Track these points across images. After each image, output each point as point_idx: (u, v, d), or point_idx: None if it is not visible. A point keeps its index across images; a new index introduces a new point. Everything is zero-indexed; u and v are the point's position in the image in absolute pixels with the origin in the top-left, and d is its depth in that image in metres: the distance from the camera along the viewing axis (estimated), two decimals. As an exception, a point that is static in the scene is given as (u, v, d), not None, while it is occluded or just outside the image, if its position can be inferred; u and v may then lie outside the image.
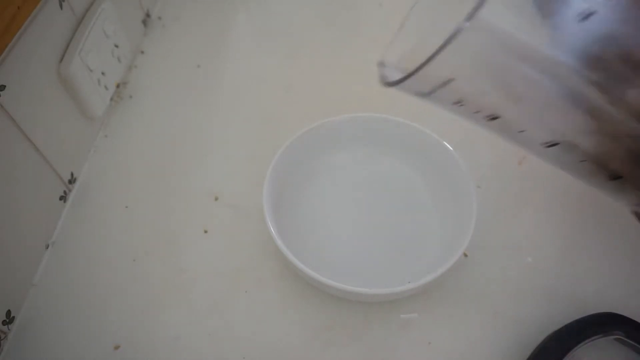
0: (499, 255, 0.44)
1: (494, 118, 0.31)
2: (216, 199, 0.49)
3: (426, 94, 0.29)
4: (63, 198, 0.48)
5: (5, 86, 0.38)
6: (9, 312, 0.41)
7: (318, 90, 0.58)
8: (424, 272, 0.38)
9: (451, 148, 0.46)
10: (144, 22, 0.63)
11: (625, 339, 0.38)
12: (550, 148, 0.32)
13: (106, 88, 0.53)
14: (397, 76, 0.27)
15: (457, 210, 0.44)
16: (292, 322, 0.41)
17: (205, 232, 0.47)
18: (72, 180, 0.49)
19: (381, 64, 0.35)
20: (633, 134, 0.30)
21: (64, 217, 0.48)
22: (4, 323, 0.40)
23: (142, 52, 0.61)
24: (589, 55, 0.28)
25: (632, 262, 0.44)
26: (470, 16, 0.24)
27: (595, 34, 0.27)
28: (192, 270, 0.44)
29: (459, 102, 0.30)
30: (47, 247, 0.46)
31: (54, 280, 0.44)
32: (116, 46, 0.54)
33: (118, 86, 0.56)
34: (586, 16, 0.27)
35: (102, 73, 0.52)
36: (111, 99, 0.55)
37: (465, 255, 0.44)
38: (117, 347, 0.40)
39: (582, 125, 0.31)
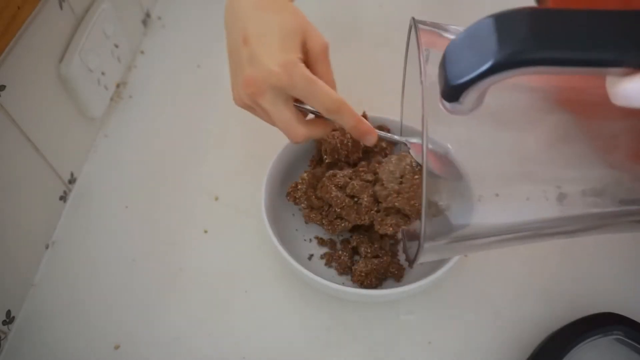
0: (499, 256, 0.44)
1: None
2: (216, 199, 0.49)
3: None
4: (63, 198, 0.48)
5: (5, 86, 0.38)
6: (9, 312, 0.41)
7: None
8: (424, 272, 0.38)
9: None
10: (144, 22, 0.63)
11: (625, 339, 0.38)
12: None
13: (106, 88, 0.53)
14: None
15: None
16: (292, 322, 0.41)
17: (205, 232, 0.47)
18: (72, 180, 0.49)
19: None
20: None
21: (64, 217, 0.48)
22: (4, 323, 0.40)
23: (142, 52, 0.61)
24: None
25: (631, 262, 0.44)
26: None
27: None
28: (192, 270, 0.44)
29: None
30: (47, 247, 0.46)
31: (54, 280, 0.44)
32: (116, 46, 0.54)
33: (118, 86, 0.56)
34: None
35: (102, 73, 0.52)
36: (111, 99, 0.55)
37: (465, 255, 0.44)
38: (117, 347, 0.40)
39: None
